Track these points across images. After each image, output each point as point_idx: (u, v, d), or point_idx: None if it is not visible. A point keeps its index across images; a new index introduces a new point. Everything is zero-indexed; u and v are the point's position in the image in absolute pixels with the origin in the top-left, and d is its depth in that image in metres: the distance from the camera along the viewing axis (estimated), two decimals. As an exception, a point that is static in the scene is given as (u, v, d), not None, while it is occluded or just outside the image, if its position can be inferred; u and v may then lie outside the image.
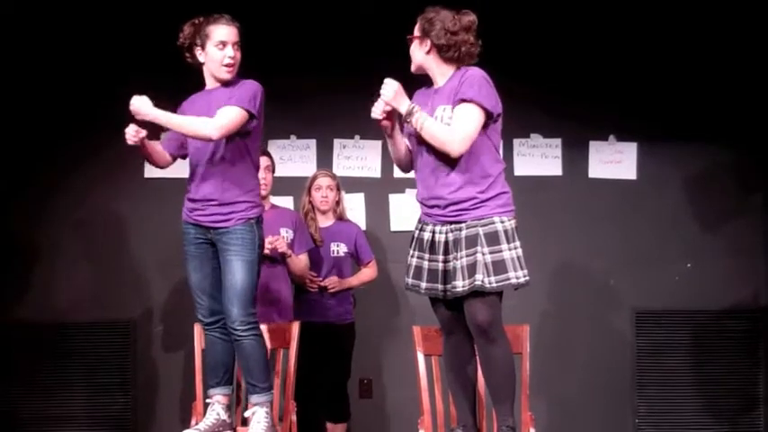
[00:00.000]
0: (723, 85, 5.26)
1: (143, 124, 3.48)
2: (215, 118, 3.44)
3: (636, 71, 5.25)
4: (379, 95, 3.27)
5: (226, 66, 3.52)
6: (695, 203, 5.31)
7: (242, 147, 3.52)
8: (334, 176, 4.77)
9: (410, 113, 3.23)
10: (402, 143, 3.40)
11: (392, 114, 3.30)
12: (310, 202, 4.70)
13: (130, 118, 3.46)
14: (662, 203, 5.31)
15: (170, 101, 3.65)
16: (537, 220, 5.07)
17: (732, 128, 5.27)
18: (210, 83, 3.60)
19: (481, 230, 3.21)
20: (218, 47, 3.51)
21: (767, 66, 5.20)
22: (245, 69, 3.64)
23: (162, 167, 3.75)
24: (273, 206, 4.55)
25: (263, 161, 4.28)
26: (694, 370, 5.22)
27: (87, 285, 5.19)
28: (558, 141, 5.32)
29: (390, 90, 3.24)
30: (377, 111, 3.29)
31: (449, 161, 3.25)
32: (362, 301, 4.92)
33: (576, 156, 5.31)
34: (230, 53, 3.51)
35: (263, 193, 4.30)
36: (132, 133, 3.47)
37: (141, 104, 3.43)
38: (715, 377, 5.20)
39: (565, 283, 5.26)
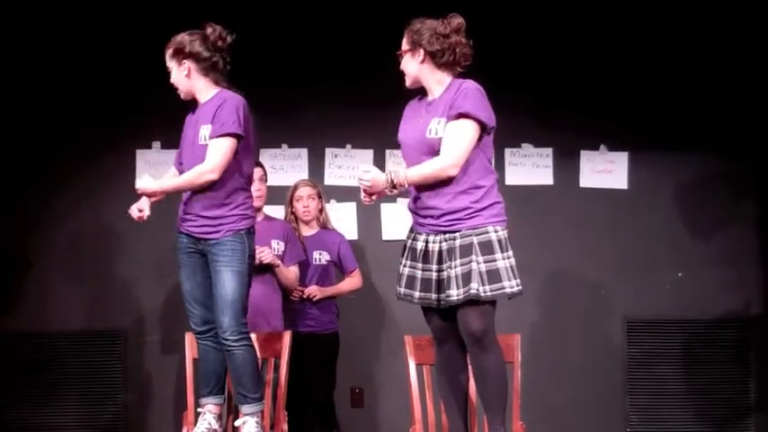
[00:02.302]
0: (713, 94, 5.28)
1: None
2: (207, 160, 3.48)
3: (626, 81, 5.27)
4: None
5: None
6: (686, 212, 5.33)
7: (232, 163, 3.52)
8: (314, 185, 4.75)
9: (394, 186, 3.25)
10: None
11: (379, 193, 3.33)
12: (293, 212, 4.69)
13: (138, 195, 3.57)
14: (653, 213, 5.32)
15: (167, 110, 3.66)
16: (528, 229, 5.07)
17: (723, 136, 5.29)
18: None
19: (475, 239, 3.21)
20: None
21: (757, 74, 5.23)
22: (237, 80, 3.64)
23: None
24: (266, 217, 4.54)
25: (257, 172, 4.26)
26: (685, 378, 5.23)
27: (78, 295, 5.18)
28: (549, 151, 5.33)
29: (367, 182, 3.27)
30: (366, 201, 3.36)
31: None
32: (354, 310, 4.92)
33: (567, 165, 5.33)
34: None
35: (258, 204, 4.31)
36: (136, 216, 3.60)
37: (147, 186, 3.51)
38: (706, 386, 5.21)
39: (556, 292, 5.27)
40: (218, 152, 3.46)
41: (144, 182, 3.53)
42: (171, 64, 3.60)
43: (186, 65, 3.57)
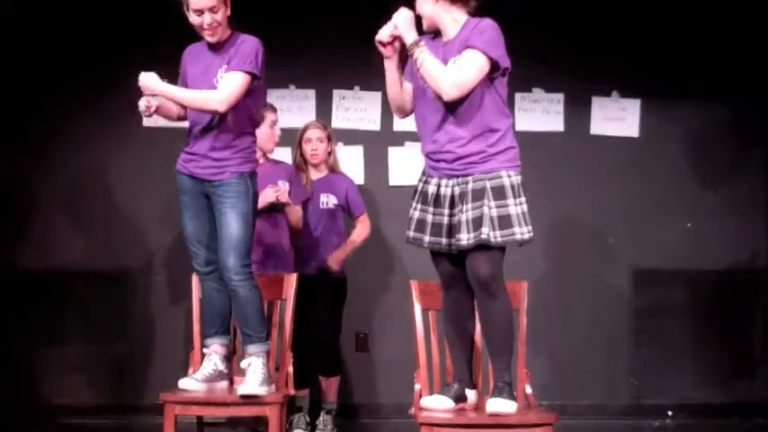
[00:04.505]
0: (727, 43, 5.21)
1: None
2: (219, 90, 3.46)
3: (640, 27, 5.20)
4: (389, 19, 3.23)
5: (205, 30, 3.50)
6: (697, 162, 5.29)
7: (242, 105, 3.52)
8: (324, 127, 4.70)
9: (415, 44, 3.20)
10: (400, 79, 3.34)
11: (394, 45, 3.25)
12: (302, 154, 4.66)
13: (140, 92, 3.49)
14: (663, 162, 5.28)
15: (173, 51, 3.61)
16: (537, 176, 4.99)
17: (736, 85, 5.23)
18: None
19: (488, 184, 3.18)
20: (195, 14, 3.49)
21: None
22: (244, 19, 3.59)
23: (180, 120, 3.72)
24: (270, 159, 4.52)
25: (270, 116, 4.41)
26: (691, 329, 5.24)
27: (86, 235, 5.19)
28: (560, 96, 5.27)
29: (403, 16, 3.22)
30: (384, 33, 3.24)
31: (456, 115, 3.21)
32: (360, 255, 4.89)
33: (578, 112, 5.27)
34: (207, 20, 3.48)
35: (270, 147, 4.44)
36: (143, 108, 3.51)
37: (149, 81, 3.47)
38: (712, 336, 5.22)
39: (564, 241, 5.25)
40: (230, 85, 3.46)
41: (149, 77, 3.48)
42: (220, 4, 3.49)
43: (228, 8, 3.53)
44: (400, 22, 3.22)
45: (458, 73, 3.17)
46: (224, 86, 3.46)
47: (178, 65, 3.66)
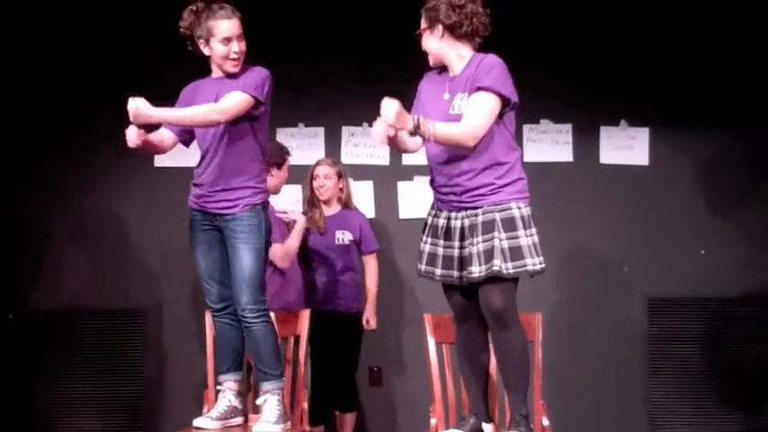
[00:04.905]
0: (736, 70, 5.21)
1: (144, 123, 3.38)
2: (219, 102, 3.43)
3: (648, 55, 5.20)
4: (378, 116, 3.11)
5: (232, 60, 3.51)
6: (708, 190, 5.27)
7: (249, 132, 3.52)
8: (334, 164, 4.75)
9: (418, 126, 3.11)
10: (407, 141, 3.34)
11: (392, 137, 3.17)
12: (312, 190, 4.70)
13: (129, 120, 3.32)
14: (674, 190, 5.27)
15: (173, 86, 3.64)
16: (548, 206, 5.01)
17: (745, 113, 5.22)
18: (217, 72, 3.58)
19: (498, 216, 3.18)
20: (222, 43, 3.48)
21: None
22: (252, 57, 3.61)
23: (163, 153, 3.71)
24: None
25: (289, 161, 4.50)
26: (707, 357, 5.19)
27: (99, 274, 5.20)
28: (568, 127, 5.28)
29: (391, 112, 3.05)
30: (379, 135, 3.15)
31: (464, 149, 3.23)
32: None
33: (586, 141, 5.28)
34: (235, 48, 3.49)
35: (279, 189, 4.48)
36: (134, 137, 3.37)
37: (140, 107, 3.27)
38: (728, 365, 5.16)
39: (577, 271, 5.23)
40: (233, 101, 3.42)
41: (138, 104, 3.24)
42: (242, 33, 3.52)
43: None
44: (392, 120, 3.07)
45: (471, 122, 3.17)
46: (224, 100, 3.42)
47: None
